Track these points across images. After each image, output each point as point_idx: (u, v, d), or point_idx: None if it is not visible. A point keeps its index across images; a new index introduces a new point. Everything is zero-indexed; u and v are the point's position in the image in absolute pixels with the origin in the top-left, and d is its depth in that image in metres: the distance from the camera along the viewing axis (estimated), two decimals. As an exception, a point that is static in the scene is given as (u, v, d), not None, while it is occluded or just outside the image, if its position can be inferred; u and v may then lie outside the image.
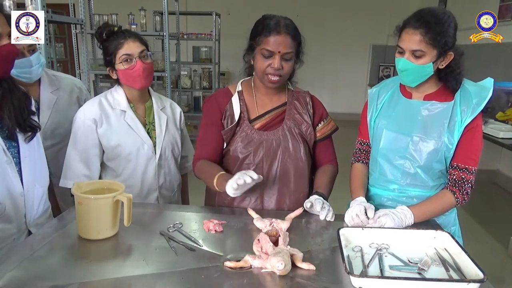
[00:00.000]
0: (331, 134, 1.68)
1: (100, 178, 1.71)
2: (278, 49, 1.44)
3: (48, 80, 1.85)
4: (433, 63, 1.35)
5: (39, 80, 1.81)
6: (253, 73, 1.59)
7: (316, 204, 1.42)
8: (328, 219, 1.41)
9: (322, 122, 1.65)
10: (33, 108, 1.43)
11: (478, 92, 1.40)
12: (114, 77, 1.69)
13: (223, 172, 1.46)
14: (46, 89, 1.83)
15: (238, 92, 1.62)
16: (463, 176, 1.41)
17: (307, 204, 1.44)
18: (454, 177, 1.42)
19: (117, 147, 1.67)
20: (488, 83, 1.43)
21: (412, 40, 1.33)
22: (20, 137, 1.35)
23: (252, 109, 1.61)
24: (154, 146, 1.72)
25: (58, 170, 1.69)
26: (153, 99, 1.78)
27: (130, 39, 1.63)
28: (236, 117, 1.57)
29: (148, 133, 1.72)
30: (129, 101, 1.71)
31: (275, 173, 1.56)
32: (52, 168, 1.68)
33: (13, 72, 1.58)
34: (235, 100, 1.60)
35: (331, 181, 1.62)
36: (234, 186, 1.31)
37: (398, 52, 1.40)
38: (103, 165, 1.72)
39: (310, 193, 1.60)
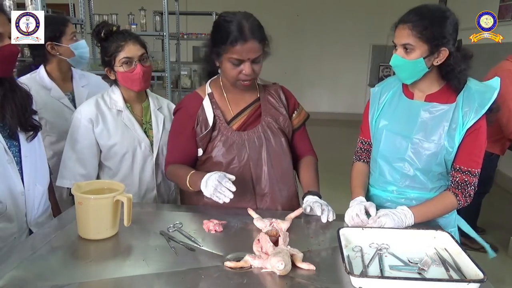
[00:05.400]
0: (304, 122, 1.67)
1: (97, 177, 1.72)
2: (247, 56, 1.39)
3: (78, 76, 2.05)
4: (424, 58, 1.34)
5: (71, 75, 2.02)
6: (218, 72, 1.55)
7: (316, 208, 1.43)
8: (329, 220, 1.41)
9: (295, 112, 1.65)
10: (35, 108, 1.43)
11: (482, 92, 1.36)
12: (112, 77, 1.70)
13: (194, 171, 1.47)
14: (78, 83, 2.04)
15: (208, 94, 1.57)
16: (466, 179, 1.39)
17: (307, 209, 1.44)
18: (457, 179, 1.41)
19: (114, 146, 1.68)
20: (495, 83, 1.39)
21: (402, 34, 1.34)
22: (22, 137, 1.35)
23: (226, 110, 1.56)
24: (151, 145, 1.73)
25: None
26: (150, 99, 1.79)
27: (131, 42, 1.63)
28: (210, 122, 1.52)
29: (145, 132, 1.73)
30: (125, 101, 1.72)
31: (263, 171, 1.55)
32: None
33: (76, 52, 1.92)
34: (206, 103, 1.55)
35: (317, 174, 1.63)
36: (209, 195, 1.36)
37: (394, 49, 1.40)
38: (100, 164, 1.72)
39: (296, 183, 1.60)
